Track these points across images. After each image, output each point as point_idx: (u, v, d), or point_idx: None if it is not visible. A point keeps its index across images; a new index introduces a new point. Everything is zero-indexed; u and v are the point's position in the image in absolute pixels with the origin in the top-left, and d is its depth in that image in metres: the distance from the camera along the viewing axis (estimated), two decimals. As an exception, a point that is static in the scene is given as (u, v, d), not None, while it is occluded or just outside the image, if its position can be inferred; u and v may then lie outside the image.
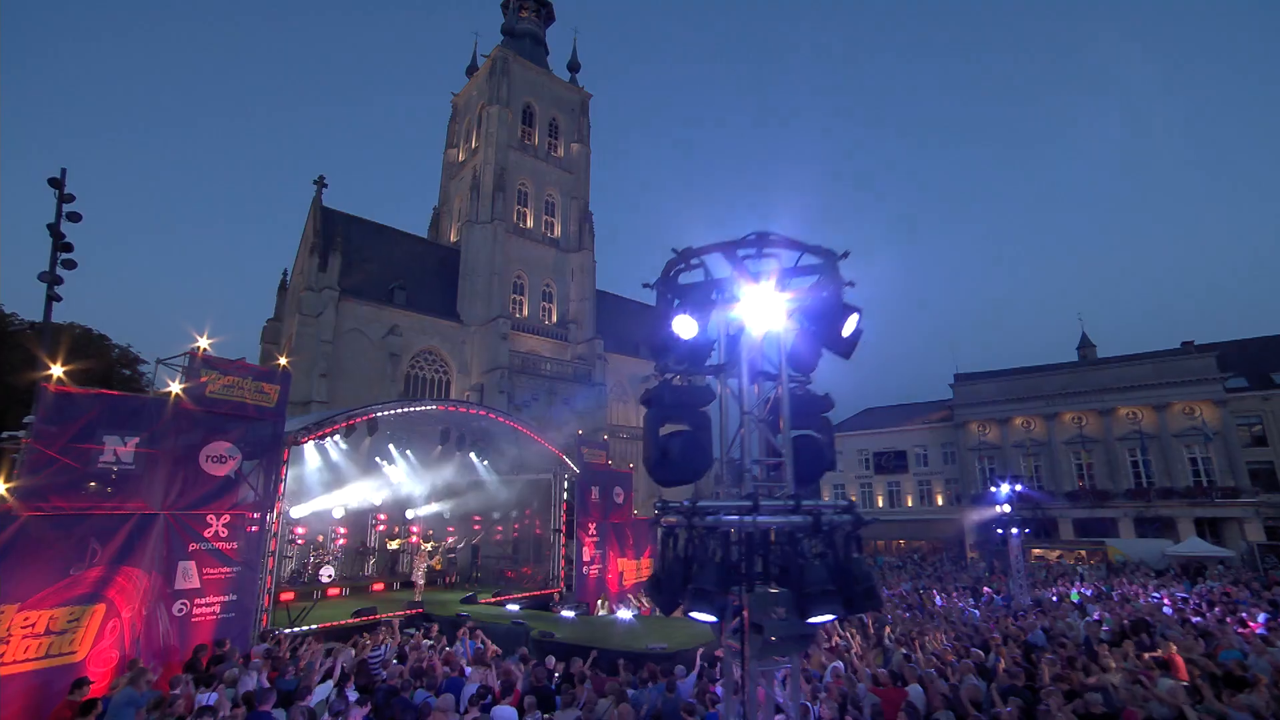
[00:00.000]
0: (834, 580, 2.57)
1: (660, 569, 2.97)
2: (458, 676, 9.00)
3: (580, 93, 51.24)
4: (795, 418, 3.16)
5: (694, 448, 3.12)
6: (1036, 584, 21.60)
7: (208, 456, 11.01)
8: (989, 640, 11.26)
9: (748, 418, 3.02)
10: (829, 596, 2.54)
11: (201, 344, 11.19)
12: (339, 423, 13.58)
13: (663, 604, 3.00)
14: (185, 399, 10.72)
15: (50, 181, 15.03)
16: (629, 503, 22.64)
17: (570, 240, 47.46)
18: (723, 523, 2.70)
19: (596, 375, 43.73)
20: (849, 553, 2.73)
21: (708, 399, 3.26)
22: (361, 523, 20.28)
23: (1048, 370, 42.11)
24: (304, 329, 33.52)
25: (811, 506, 2.72)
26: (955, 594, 19.54)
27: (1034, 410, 39.87)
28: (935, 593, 19.23)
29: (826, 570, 2.58)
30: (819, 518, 2.68)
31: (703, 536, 2.73)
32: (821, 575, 2.55)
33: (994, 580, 24.08)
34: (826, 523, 2.69)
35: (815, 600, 2.51)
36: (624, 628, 13.39)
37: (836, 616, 2.67)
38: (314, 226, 37.11)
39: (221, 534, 11.06)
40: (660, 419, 3.18)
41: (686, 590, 2.68)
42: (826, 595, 2.53)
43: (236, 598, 11.18)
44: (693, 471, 3.13)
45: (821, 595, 2.52)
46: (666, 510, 2.94)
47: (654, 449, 3.10)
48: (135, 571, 9.85)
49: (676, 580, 2.78)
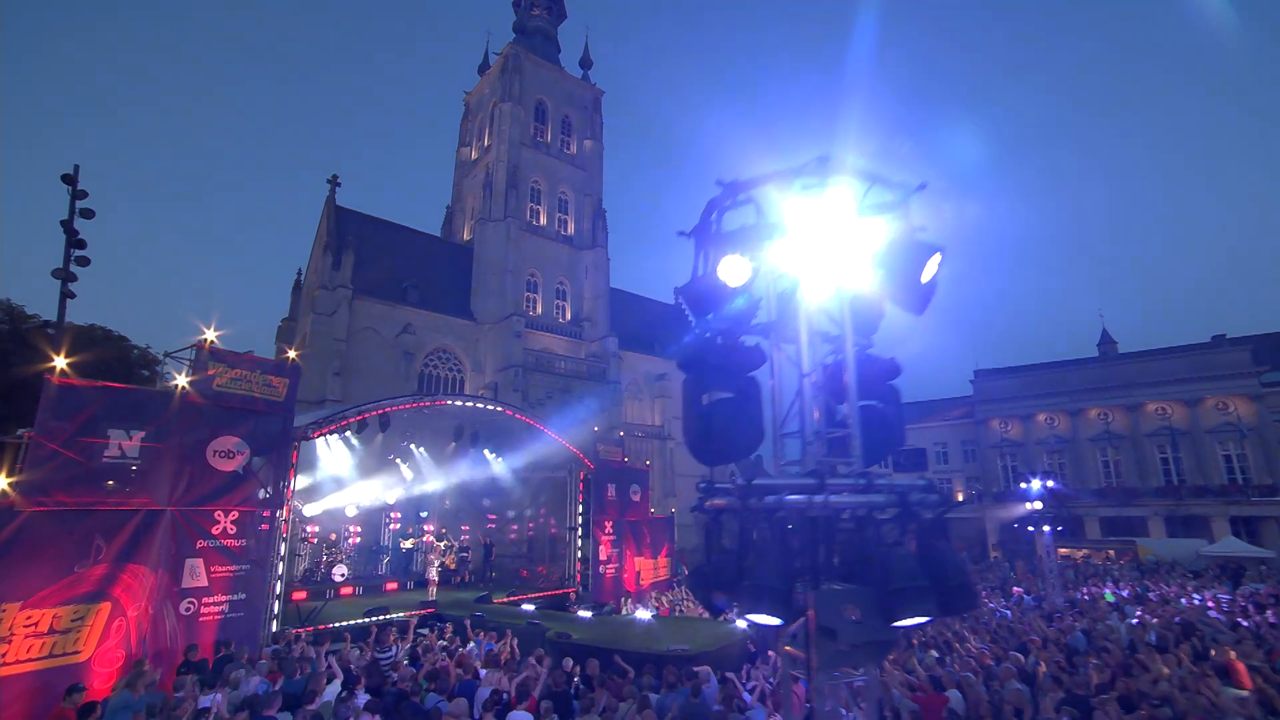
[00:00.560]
0: (925, 574, 2.11)
1: (705, 562, 2.51)
2: (471, 679, 8.60)
3: (593, 89, 50.85)
4: (860, 385, 2.69)
5: (743, 418, 2.65)
6: (1066, 584, 20.84)
7: (215, 451, 10.71)
8: (1027, 642, 10.68)
9: (808, 382, 2.56)
10: (921, 594, 2.07)
11: (209, 336, 10.91)
12: (350, 417, 13.25)
13: (710, 603, 2.55)
14: (192, 392, 10.44)
15: (63, 178, 14.87)
16: (646, 500, 22.20)
17: (584, 237, 47.07)
18: (786, 505, 2.25)
19: (611, 373, 43.28)
20: (938, 541, 2.27)
21: (758, 361, 2.79)
22: (375, 521, 20.02)
23: (1072, 365, 41.03)
24: (318, 327, 33.40)
25: (890, 485, 2.26)
26: (983, 594, 18.86)
27: (1058, 406, 38.85)
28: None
29: (916, 562, 2.12)
30: (905, 497, 2.22)
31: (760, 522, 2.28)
32: (911, 568, 2.08)
33: (1021, 580, 23.34)
34: (915, 503, 2.23)
35: (905, 599, 2.05)
36: (642, 628, 12.94)
37: (930, 619, 2.20)
38: (327, 225, 37.03)
39: (230, 531, 10.75)
40: (701, 385, 2.71)
41: (743, 587, 2.22)
42: (918, 593, 2.06)
43: (245, 596, 10.87)
44: (741, 446, 2.66)
45: (912, 593, 2.05)
46: (713, 491, 2.48)
47: (695, 419, 2.63)
48: (141, 569, 9.56)
49: (727, 575, 2.32)
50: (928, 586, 2.08)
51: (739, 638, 11.79)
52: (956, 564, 2.25)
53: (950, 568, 2.19)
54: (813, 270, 2.63)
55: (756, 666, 9.89)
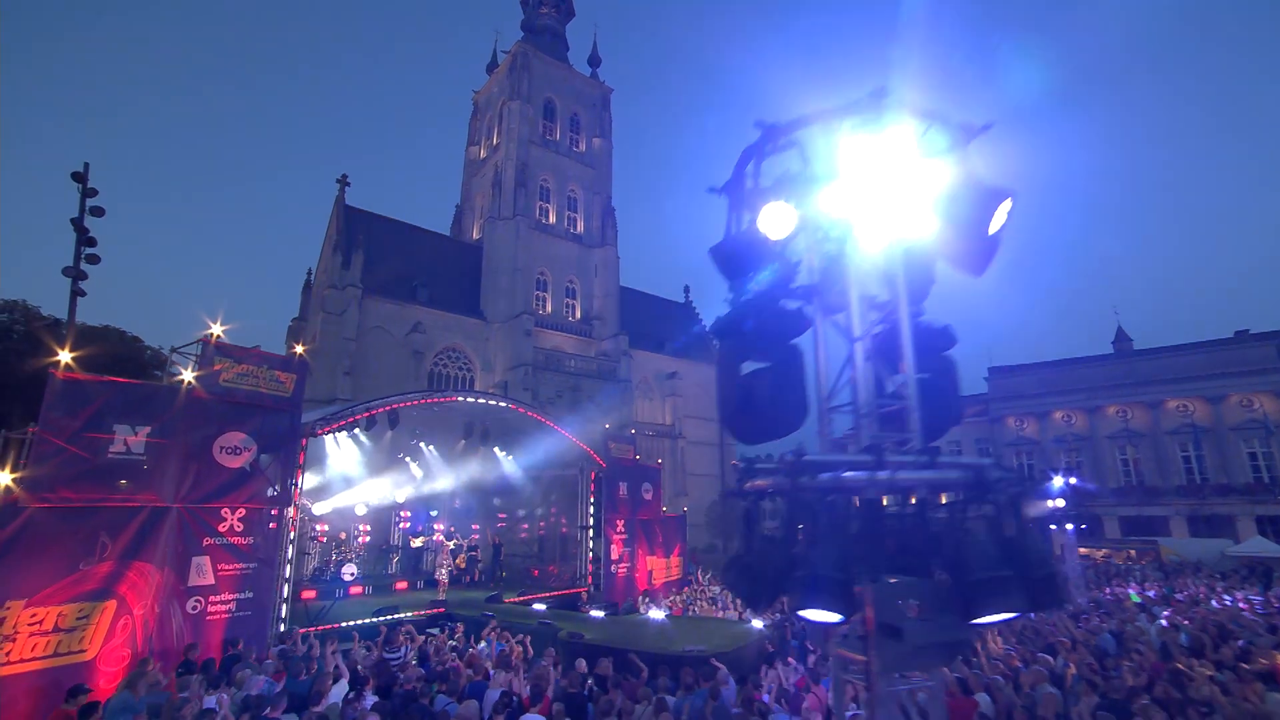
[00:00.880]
0: (1008, 563, 1.82)
1: (745, 552, 2.23)
2: (481, 680, 8.37)
3: (601, 87, 50.63)
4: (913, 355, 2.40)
5: (787, 390, 2.36)
6: (1089, 584, 20.34)
7: (222, 448, 10.54)
8: (1054, 644, 10.29)
9: (860, 347, 2.28)
10: (1006, 587, 1.77)
11: (215, 330, 10.74)
12: (358, 414, 13.07)
13: (753, 597, 2.26)
14: (198, 387, 10.27)
15: (73, 176, 14.80)
16: (657, 499, 21.92)
17: (593, 236, 46.86)
18: (844, 483, 1.96)
19: (621, 372, 43.04)
20: (1022, 526, 1.99)
21: (800, 327, 2.51)
22: (385, 520, 19.86)
23: (1089, 362, 40.33)
24: (328, 327, 33.37)
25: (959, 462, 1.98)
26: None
27: (1075, 404, 38.19)
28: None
29: (999, 549, 1.83)
30: (983, 474, 1.93)
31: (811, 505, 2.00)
32: (993, 556, 1.80)
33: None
34: (995, 481, 1.94)
35: (987, 592, 1.76)
36: (656, 629, 12.67)
37: (1017, 615, 1.91)
38: (337, 225, 37.02)
39: (237, 528, 10.58)
40: (739, 354, 2.43)
41: (795, 579, 1.94)
42: (1003, 585, 1.77)
43: (253, 595, 10.70)
44: (785, 421, 2.37)
45: (995, 585, 1.76)
46: (753, 471, 2.19)
47: (734, 391, 2.35)
48: (147, 567, 9.40)
49: (774, 566, 2.04)
50: (1013, 578, 1.79)
51: (755, 638, 11.50)
52: (1041, 553, 1.96)
53: (1035, 557, 1.90)
54: (864, 223, 2.35)
55: (774, 668, 9.61)
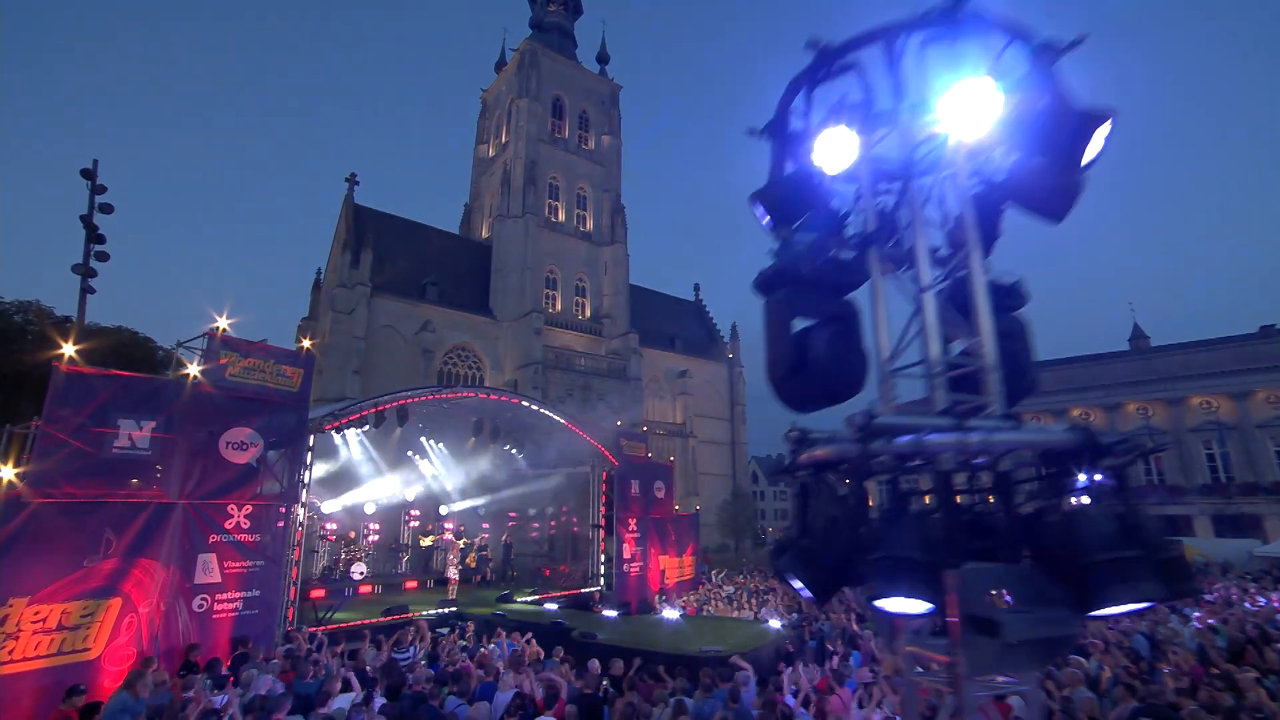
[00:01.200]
0: (1134, 542, 1.52)
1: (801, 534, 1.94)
2: (492, 681, 8.11)
3: (610, 84, 50.43)
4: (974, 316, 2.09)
5: (847, 348, 2.07)
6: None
7: (228, 443, 10.36)
8: (1086, 646, 9.90)
9: (930, 298, 1.99)
10: (1134, 571, 1.47)
11: (220, 324, 10.57)
12: (365, 409, 12.87)
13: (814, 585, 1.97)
14: (203, 381, 10.09)
15: (82, 173, 14.75)
16: (670, 497, 21.63)
17: (602, 234, 46.65)
18: (927, 448, 1.68)
19: (632, 370, 42.79)
20: (1138, 500, 1.70)
21: (858, 278, 2.22)
22: (394, 519, 19.69)
23: (1108, 358, 39.60)
24: (337, 326, 33.34)
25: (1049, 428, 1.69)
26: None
27: (1094, 401, 37.46)
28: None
29: (1119, 526, 1.54)
30: (1094, 436, 1.65)
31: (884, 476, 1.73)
32: (1112, 534, 1.51)
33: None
34: (1110, 445, 1.65)
35: (1110, 578, 1.46)
36: (671, 628, 12.39)
37: (1149, 603, 1.61)
38: (346, 224, 37.02)
39: (243, 525, 10.40)
40: (791, 308, 2.13)
41: (872, 564, 1.65)
42: (1130, 569, 1.47)
43: (260, 593, 10.51)
44: (846, 383, 2.09)
45: (1121, 569, 1.46)
46: (808, 441, 1.90)
47: (785, 348, 2.05)
48: (153, 564, 9.23)
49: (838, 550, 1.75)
50: (1141, 559, 1.49)
51: (773, 638, 11.19)
52: (1156, 532, 1.67)
53: (1157, 535, 1.60)
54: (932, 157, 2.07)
55: (795, 669, 9.29)
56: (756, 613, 15.46)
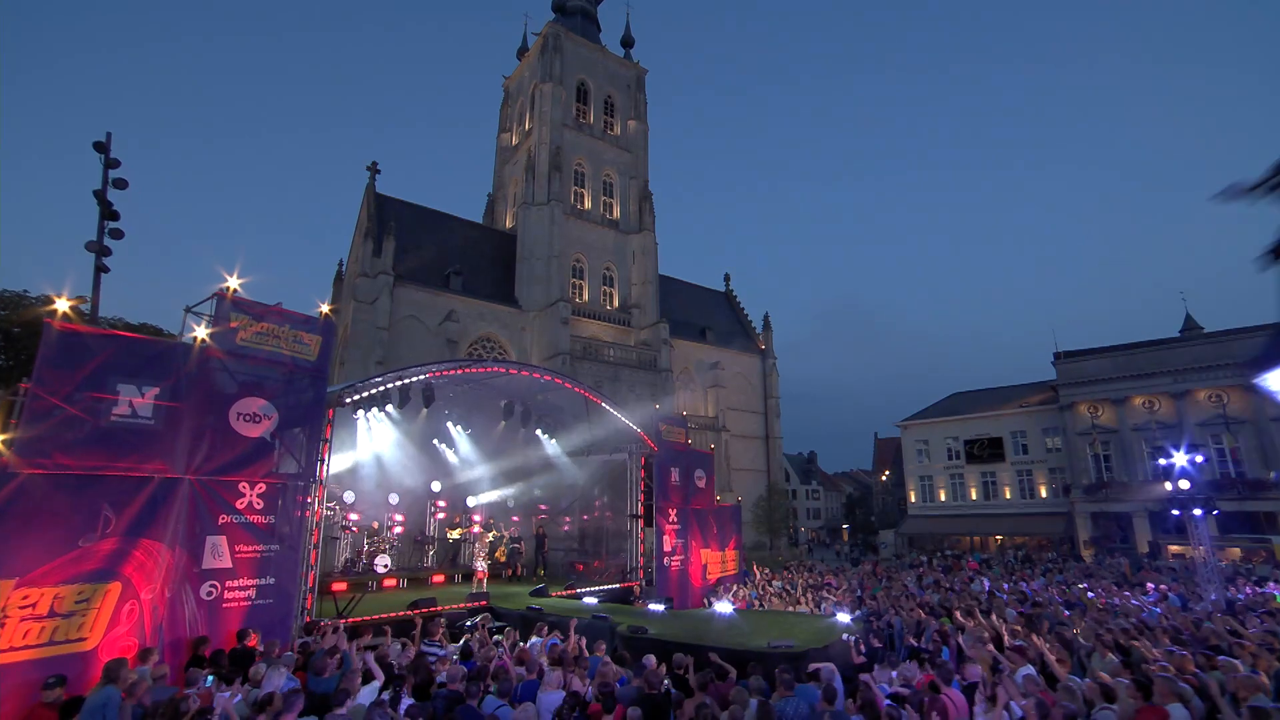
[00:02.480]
0: None
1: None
2: (534, 679, 7.07)
3: (635, 68, 49.35)
4: None
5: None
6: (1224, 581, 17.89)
7: (239, 414, 9.47)
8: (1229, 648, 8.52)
9: None
10: None
11: (231, 284, 9.68)
12: (391, 381, 11.95)
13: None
14: (212, 345, 9.21)
15: (95, 146, 14.06)
16: (710, 487, 20.44)
17: (630, 221, 45.61)
18: None
19: (662, 361, 41.66)
20: None
21: None
22: (420, 510, 18.84)
23: (1172, 343, 37.37)
24: (359, 315, 32.77)
25: None
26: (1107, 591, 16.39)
27: (1158, 388, 35.36)
28: (1089, 589, 16.16)
29: None
30: None
31: None
32: None
33: (1144, 576, 20.65)
34: None
35: None
36: (725, 624, 11.24)
37: None
38: (368, 212, 36.50)
39: (256, 505, 9.50)
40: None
41: None
42: None
43: (275, 581, 9.61)
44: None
45: None
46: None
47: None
48: (156, 545, 8.35)
49: None
50: None
51: (839, 633, 9.98)
52: None
53: None
54: None
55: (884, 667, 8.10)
56: (814, 607, 14.26)
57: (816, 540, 75.51)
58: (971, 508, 43.06)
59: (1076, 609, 13.00)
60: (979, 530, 42.06)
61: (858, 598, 15.90)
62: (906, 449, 47.72)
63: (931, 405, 49.52)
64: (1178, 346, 36.43)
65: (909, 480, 47.14)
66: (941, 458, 45.39)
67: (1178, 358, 35.19)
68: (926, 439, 46.52)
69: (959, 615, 11.04)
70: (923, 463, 46.45)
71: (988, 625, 10.13)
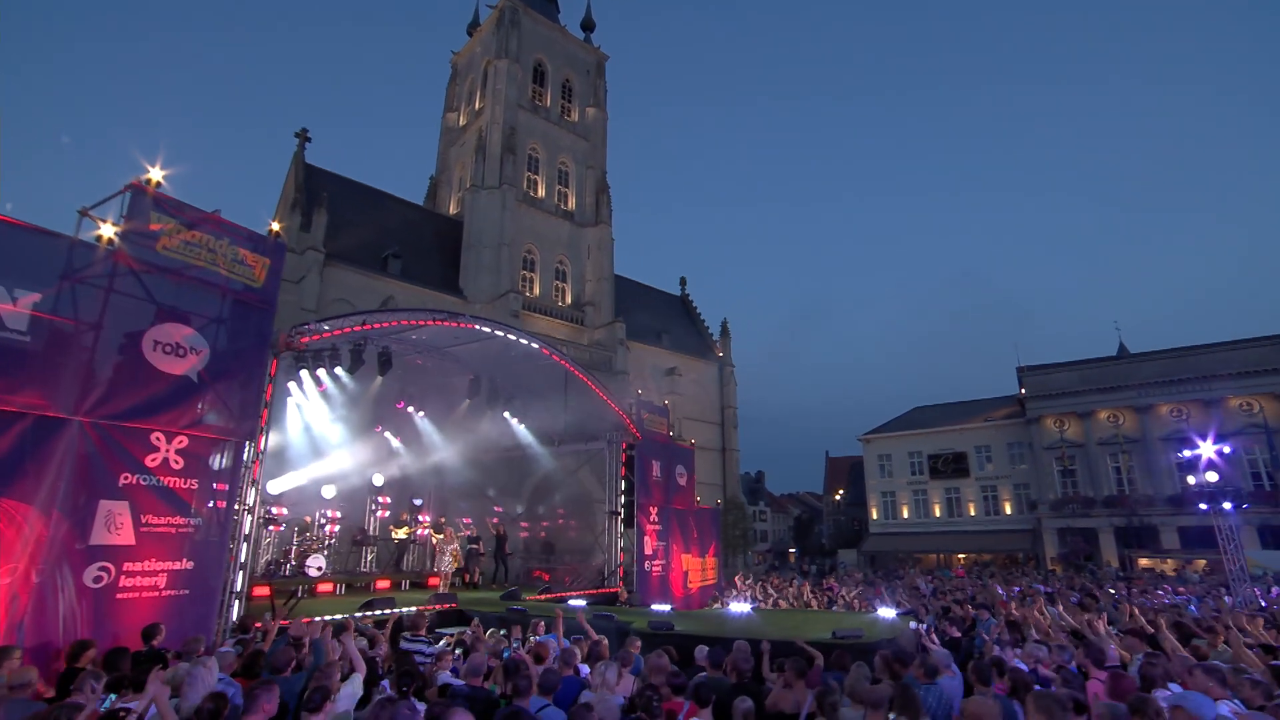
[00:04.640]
0: None
1: None
2: (573, 676, 5.58)
3: (596, 53, 48.45)
4: None
5: None
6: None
7: (156, 344, 7.52)
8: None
9: None
10: None
11: (153, 175, 7.74)
12: (353, 324, 10.14)
13: None
14: (122, 248, 7.27)
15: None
16: (691, 486, 19.18)
17: (586, 213, 44.27)
18: None
19: (618, 363, 40.26)
20: None
21: None
22: (360, 504, 16.67)
23: (1139, 358, 39.02)
24: (284, 296, 29.57)
25: None
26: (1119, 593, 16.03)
27: (1124, 402, 36.69)
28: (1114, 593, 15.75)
29: None
30: None
31: None
32: None
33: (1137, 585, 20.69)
34: None
35: None
36: (751, 621, 9.95)
37: None
38: (295, 182, 33.72)
39: (174, 464, 7.53)
40: None
41: None
42: None
43: (194, 566, 7.62)
44: None
45: None
46: None
47: None
48: (22, 509, 6.32)
49: None
50: None
51: (897, 628, 8.88)
52: None
53: None
54: None
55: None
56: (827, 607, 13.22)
57: (763, 563, 75.17)
58: (936, 524, 43.44)
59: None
60: (944, 548, 42.38)
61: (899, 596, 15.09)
62: (868, 463, 47.91)
63: (893, 419, 50.10)
64: (1143, 361, 38.00)
65: (870, 496, 47.27)
66: (904, 473, 45.75)
67: (1143, 372, 36.65)
68: (889, 453, 46.85)
69: (1013, 608, 10.16)
70: (885, 478, 46.70)
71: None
